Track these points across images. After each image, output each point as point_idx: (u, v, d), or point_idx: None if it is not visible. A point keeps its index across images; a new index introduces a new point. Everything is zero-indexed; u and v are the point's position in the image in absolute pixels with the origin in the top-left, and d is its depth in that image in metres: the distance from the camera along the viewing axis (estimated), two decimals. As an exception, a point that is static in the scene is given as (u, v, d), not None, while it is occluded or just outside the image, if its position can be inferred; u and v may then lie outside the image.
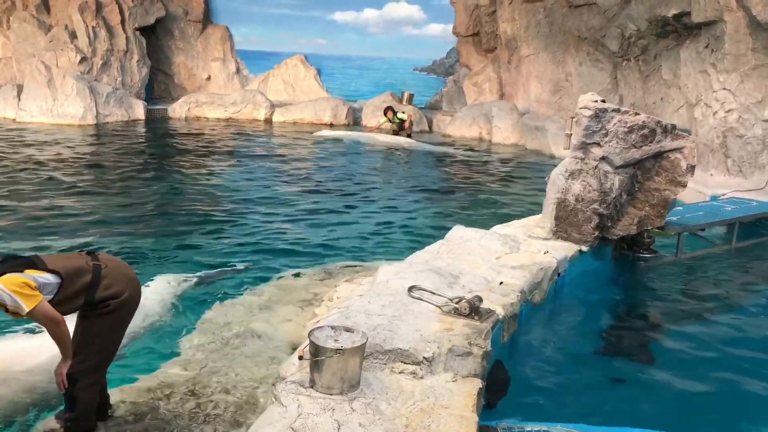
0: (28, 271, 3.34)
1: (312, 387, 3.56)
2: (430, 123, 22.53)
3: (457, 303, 4.52)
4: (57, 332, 3.43)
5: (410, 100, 23.25)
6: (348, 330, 3.71)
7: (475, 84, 23.17)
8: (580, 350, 5.36)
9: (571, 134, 6.80)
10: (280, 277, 6.54)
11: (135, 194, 11.32)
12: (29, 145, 15.70)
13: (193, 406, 3.99)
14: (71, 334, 3.54)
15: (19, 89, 20.29)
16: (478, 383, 3.80)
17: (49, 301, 3.38)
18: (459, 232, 6.47)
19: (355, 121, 22.71)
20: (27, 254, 3.57)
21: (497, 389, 4.36)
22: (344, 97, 25.51)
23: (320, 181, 13.08)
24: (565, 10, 18.19)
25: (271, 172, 13.91)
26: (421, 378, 3.81)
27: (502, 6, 21.21)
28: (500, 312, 4.67)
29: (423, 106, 24.93)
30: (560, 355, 5.19)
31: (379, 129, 20.57)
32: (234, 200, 11.13)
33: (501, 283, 5.23)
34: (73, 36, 21.25)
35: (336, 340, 3.58)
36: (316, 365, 3.56)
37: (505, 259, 5.89)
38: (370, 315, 4.31)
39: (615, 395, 4.62)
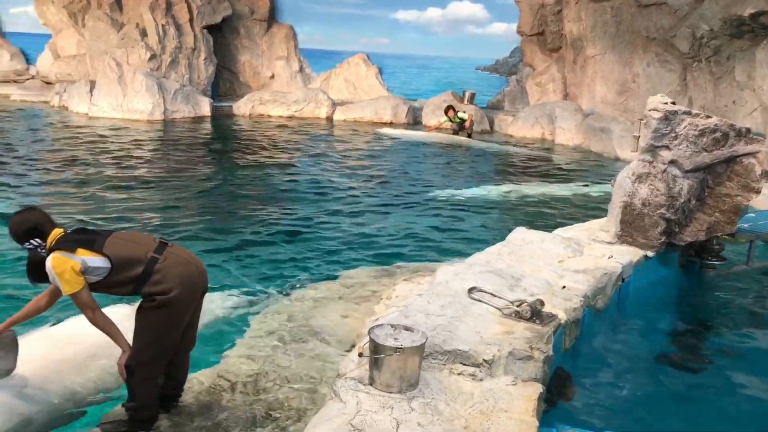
0: (80, 251, 3.45)
1: (371, 384, 3.57)
2: (491, 123, 22.34)
3: (518, 306, 4.46)
4: (92, 319, 3.55)
5: (471, 100, 23.09)
6: (408, 329, 3.71)
7: (539, 84, 22.85)
8: (644, 359, 5.22)
9: (639, 136, 6.62)
10: (339, 274, 6.59)
11: (197, 188, 11.58)
12: (100, 138, 16.23)
13: (255, 398, 4.05)
14: (114, 324, 3.63)
15: (92, 85, 21.00)
16: (538, 388, 3.74)
17: (97, 283, 3.51)
18: (520, 234, 6.38)
19: (415, 120, 22.71)
20: (100, 229, 3.68)
21: (558, 395, 4.28)
22: (405, 96, 25.53)
23: (379, 180, 13.11)
24: (634, 9, 17.76)
25: (331, 170, 14.02)
26: (481, 380, 3.78)
27: (568, 5, 20.86)
28: (562, 317, 4.58)
29: (484, 106, 24.73)
30: (623, 363, 5.07)
31: (439, 128, 20.50)
32: (293, 197, 11.26)
33: (564, 287, 5.13)
34: (144, 34, 21.89)
35: (396, 339, 3.58)
36: (375, 363, 3.57)
37: (568, 262, 5.78)
38: (430, 315, 4.30)
39: (678, 407, 4.48)
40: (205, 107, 21.66)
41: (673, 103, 6.57)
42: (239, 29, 25.81)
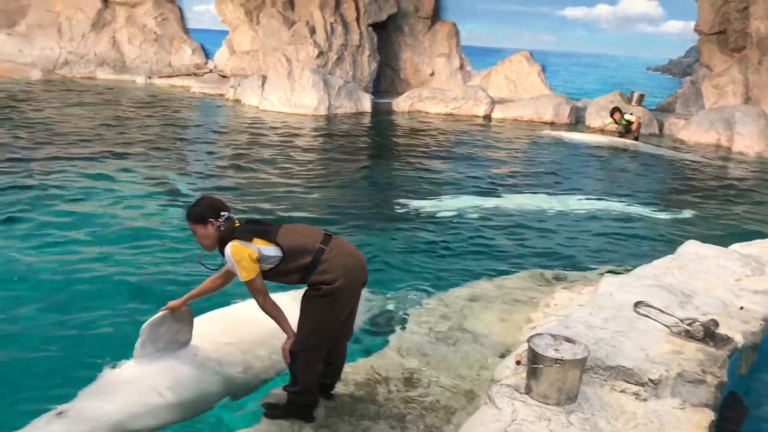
0: (256, 240, 3.65)
1: (527, 393, 3.50)
2: (660, 126, 21.12)
3: (689, 324, 4.17)
4: (262, 305, 3.74)
5: (640, 101, 21.93)
6: (569, 340, 3.58)
7: (716, 86, 21.28)
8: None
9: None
10: (496, 276, 6.50)
11: (355, 182, 11.93)
12: (268, 130, 17.15)
13: (407, 394, 4.10)
14: (281, 311, 3.80)
15: (264, 80, 22.19)
16: (709, 415, 3.48)
17: (268, 271, 3.70)
18: (693, 248, 5.97)
19: (577, 121, 21.97)
20: (271, 219, 3.89)
21: (729, 423, 3.96)
22: (568, 95, 24.74)
23: (537, 182, 12.81)
24: (834, 5, 16.05)
25: (487, 170, 13.89)
26: (645, 400, 3.58)
27: (755, 2, 19.21)
28: (739, 340, 4.23)
29: (654, 108, 23.44)
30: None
31: (603, 130, 19.66)
32: (449, 194, 11.25)
33: (741, 308, 4.74)
34: (313, 31, 22.83)
35: (556, 350, 3.47)
36: (533, 372, 3.48)
37: (747, 281, 5.33)
38: (592, 327, 4.13)
39: None
40: (366, 103, 22.21)
41: None
42: (403, 27, 26.23)
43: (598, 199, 11.54)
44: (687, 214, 10.99)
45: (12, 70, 25.57)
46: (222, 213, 3.70)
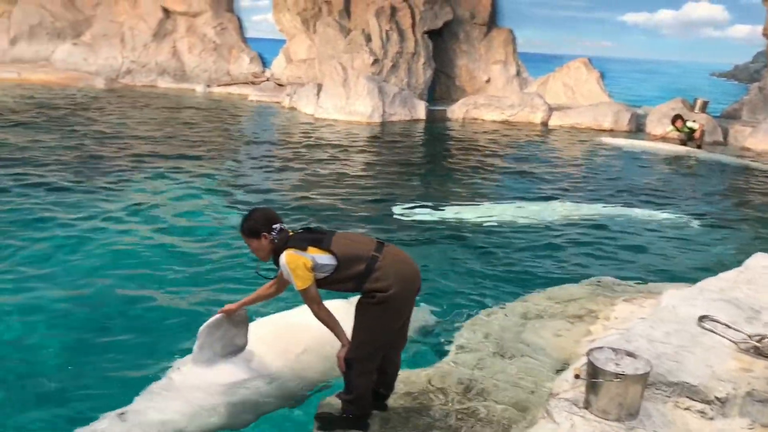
0: (311, 249, 3.65)
1: (586, 408, 3.40)
2: (725, 134, 20.43)
3: (758, 341, 3.99)
4: (317, 313, 3.74)
5: (703, 108, 21.25)
6: (630, 355, 3.47)
7: (785, 92, 20.50)
8: None
9: None
10: (552, 287, 6.36)
11: (408, 190, 11.89)
12: (323, 138, 17.29)
13: (462, 406, 4.03)
14: (335, 319, 3.78)
15: (319, 88, 22.40)
16: (781, 437, 3.32)
17: (323, 279, 3.69)
18: (762, 261, 5.72)
19: (638, 128, 21.47)
20: (326, 228, 3.89)
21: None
22: (627, 102, 24.23)
23: (594, 191, 12.55)
24: None
25: (543, 178, 13.67)
26: (711, 419, 3.44)
27: (827, 4, 18.47)
28: (813, 359, 4.02)
29: (718, 115, 22.72)
30: None
31: (664, 138, 19.14)
32: (504, 202, 11.10)
33: (814, 324, 4.50)
34: (368, 39, 22.94)
35: (617, 364, 3.36)
36: (593, 387, 3.38)
37: (820, 297, 5.07)
38: (653, 342, 3.98)
39: None
40: (420, 111, 22.18)
41: None
42: (458, 34, 26.13)
43: (659, 209, 11.22)
44: (753, 225, 10.57)
45: (77, 78, 26.48)
46: (274, 226, 3.71)
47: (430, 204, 10.51)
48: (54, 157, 12.68)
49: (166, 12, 28.71)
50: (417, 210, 10.10)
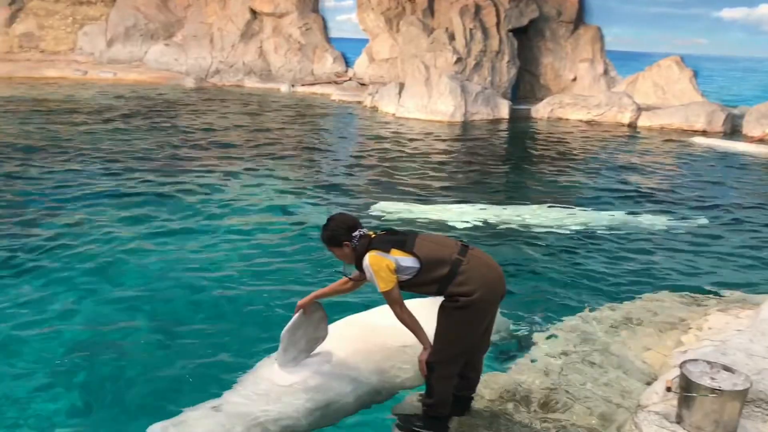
0: (393, 251, 3.60)
1: (678, 423, 3.22)
2: (830, 136, 19.17)
3: None
4: (399, 315, 3.68)
5: (807, 108, 20.03)
6: (728, 369, 3.25)
7: None
8: None
9: None
10: (641, 296, 6.08)
11: (487, 190, 11.70)
12: (404, 138, 17.26)
13: (543, 414, 3.89)
14: (418, 321, 3.71)
15: (401, 87, 22.39)
16: None
17: (405, 281, 3.63)
18: None
19: (733, 129, 20.44)
20: (408, 231, 3.82)
21: None
22: (722, 102, 23.07)
23: (684, 195, 11.96)
24: None
25: (629, 181, 13.15)
26: (817, 442, 3.17)
27: None
28: None
29: (822, 116, 21.33)
30: None
31: (763, 139, 18.14)
32: (591, 205, 10.74)
33: None
34: (452, 38, 22.78)
35: (713, 379, 3.16)
36: (686, 401, 3.19)
37: None
38: (752, 356, 3.74)
39: None
40: (503, 110, 21.84)
41: None
42: (544, 31, 25.63)
43: (755, 212, 10.60)
44: None
45: (169, 78, 27.53)
46: (354, 234, 3.68)
47: (508, 205, 10.29)
48: (143, 153, 13.21)
49: (254, 13, 29.44)
50: (495, 211, 9.90)
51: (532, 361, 4.57)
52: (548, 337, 5.02)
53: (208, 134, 16.13)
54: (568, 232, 9.06)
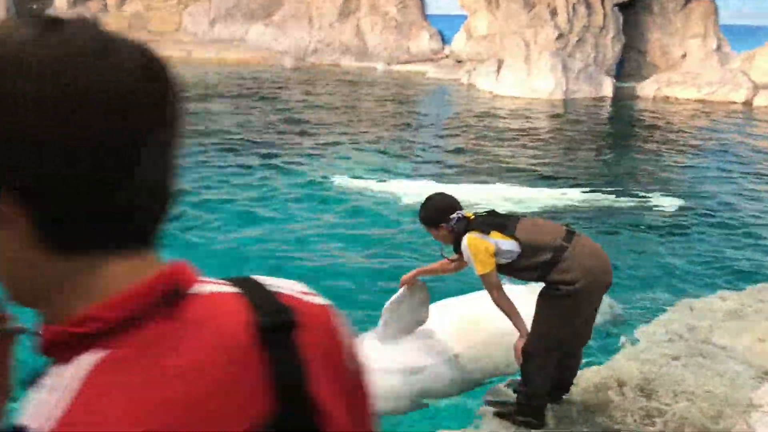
0: (493, 234, 3.44)
1: (798, 428, 2.93)
2: None
3: None
4: (497, 300, 3.52)
5: None
6: None
7: None
8: None
9: None
10: (751, 285, 5.66)
11: (587, 172, 11.27)
12: (502, 115, 16.90)
13: (645, 405, 3.66)
14: (515, 307, 3.56)
15: (499, 64, 21.91)
16: None
17: (505, 266, 3.47)
18: None
19: None
20: (513, 213, 3.69)
21: None
22: None
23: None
24: None
25: (742, 165, 12.31)
26: None
27: None
28: None
29: None
30: None
31: None
32: (698, 194, 10.12)
33: None
34: (554, 13, 22.04)
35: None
36: (808, 404, 2.90)
37: None
38: None
39: None
40: (607, 88, 21.02)
41: None
42: (652, 6, 24.39)
43: None
44: None
45: (268, 57, 28.06)
46: (452, 216, 3.56)
47: (612, 188, 9.84)
48: (243, 130, 13.58)
49: (351, -9, 29.51)
50: (596, 195, 9.49)
51: (633, 350, 4.33)
52: (651, 326, 4.75)
53: (305, 112, 16.40)
54: (679, 216, 8.60)
